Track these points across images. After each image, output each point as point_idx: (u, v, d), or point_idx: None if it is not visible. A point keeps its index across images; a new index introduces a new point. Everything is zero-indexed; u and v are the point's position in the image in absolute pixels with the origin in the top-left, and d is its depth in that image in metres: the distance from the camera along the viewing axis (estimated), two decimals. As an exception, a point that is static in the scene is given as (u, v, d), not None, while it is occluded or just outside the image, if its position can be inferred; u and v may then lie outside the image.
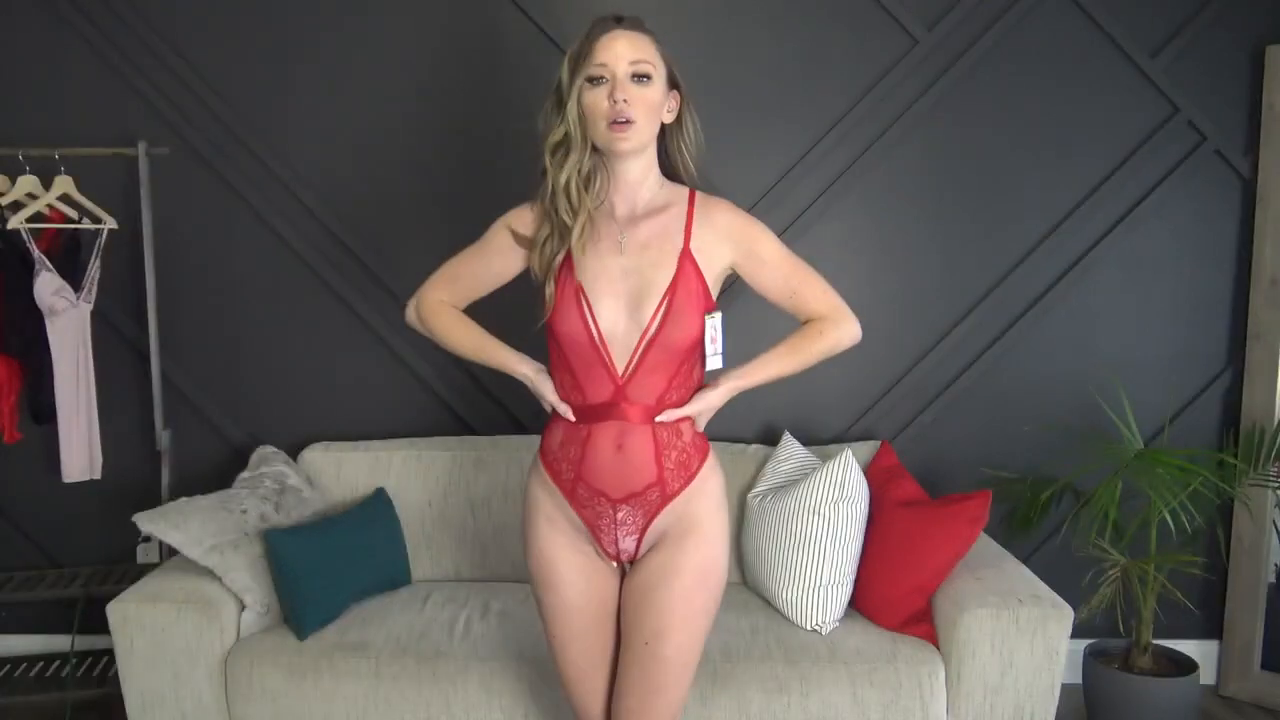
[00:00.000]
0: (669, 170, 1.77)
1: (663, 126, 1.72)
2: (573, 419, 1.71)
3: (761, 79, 2.87)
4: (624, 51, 1.63)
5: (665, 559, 1.72)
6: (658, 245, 1.70)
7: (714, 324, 1.71)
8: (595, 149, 1.70)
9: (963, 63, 2.86)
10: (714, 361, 1.75)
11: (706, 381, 1.78)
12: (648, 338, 1.67)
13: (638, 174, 1.72)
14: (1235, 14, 2.84)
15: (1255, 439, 2.85)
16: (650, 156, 1.73)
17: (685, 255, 1.69)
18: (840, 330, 1.76)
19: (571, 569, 1.77)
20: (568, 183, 1.67)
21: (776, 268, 1.74)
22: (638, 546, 1.76)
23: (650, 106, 1.65)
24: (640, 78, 1.63)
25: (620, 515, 1.72)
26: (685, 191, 1.75)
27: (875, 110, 2.88)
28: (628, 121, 1.63)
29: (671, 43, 1.72)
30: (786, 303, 1.77)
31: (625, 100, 1.62)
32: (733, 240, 1.73)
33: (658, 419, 1.69)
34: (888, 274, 2.94)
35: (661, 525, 1.73)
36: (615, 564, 1.80)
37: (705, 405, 1.74)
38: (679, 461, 1.72)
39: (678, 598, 1.70)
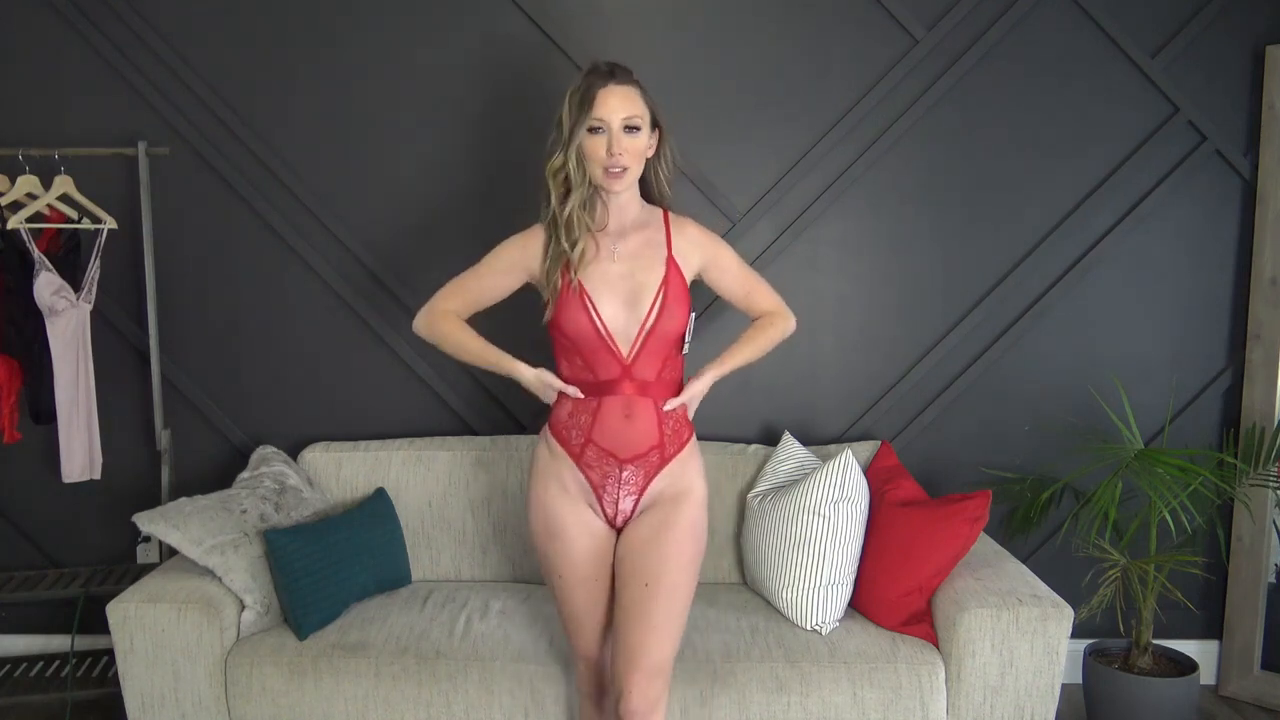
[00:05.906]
0: (645, 191, 2.08)
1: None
2: (583, 397, 1.99)
3: (762, 78, 2.87)
4: (618, 107, 1.92)
5: (661, 517, 2.00)
6: (646, 253, 2.01)
7: (692, 321, 2.04)
8: (591, 182, 1.99)
9: (963, 62, 2.86)
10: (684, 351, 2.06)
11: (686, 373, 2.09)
12: (647, 328, 1.97)
13: (626, 199, 2.03)
14: (1235, 14, 2.84)
15: (1255, 439, 2.85)
16: (635, 184, 2.03)
17: (670, 260, 2.01)
18: (786, 322, 2.17)
19: (576, 524, 2.02)
20: (570, 215, 1.97)
21: (735, 274, 2.14)
22: (634, 507, 2.03)
23: (638, 153, 1.97)
24: (631, 129, 1.94)
25: (625, 475, 2.00)
26: (659, 211, 2.08)
27: (875, 110, 2.88)
28: (622, 170, 1.94)
29: (672, 43, 1.73)
30: (742, 302, 2.17)
31: (621, 152, 1.93)
32: (702, 249, 2.08)
33: (665, 408, 2.00)
34: (888, 274, 2.94)
35: (658, 487, 2.02)
36: (610, 526, 2.05)
37: (695, 393, 2.05)
38: (674, 430, 2.04)
39: (673, 547, 1.97)
